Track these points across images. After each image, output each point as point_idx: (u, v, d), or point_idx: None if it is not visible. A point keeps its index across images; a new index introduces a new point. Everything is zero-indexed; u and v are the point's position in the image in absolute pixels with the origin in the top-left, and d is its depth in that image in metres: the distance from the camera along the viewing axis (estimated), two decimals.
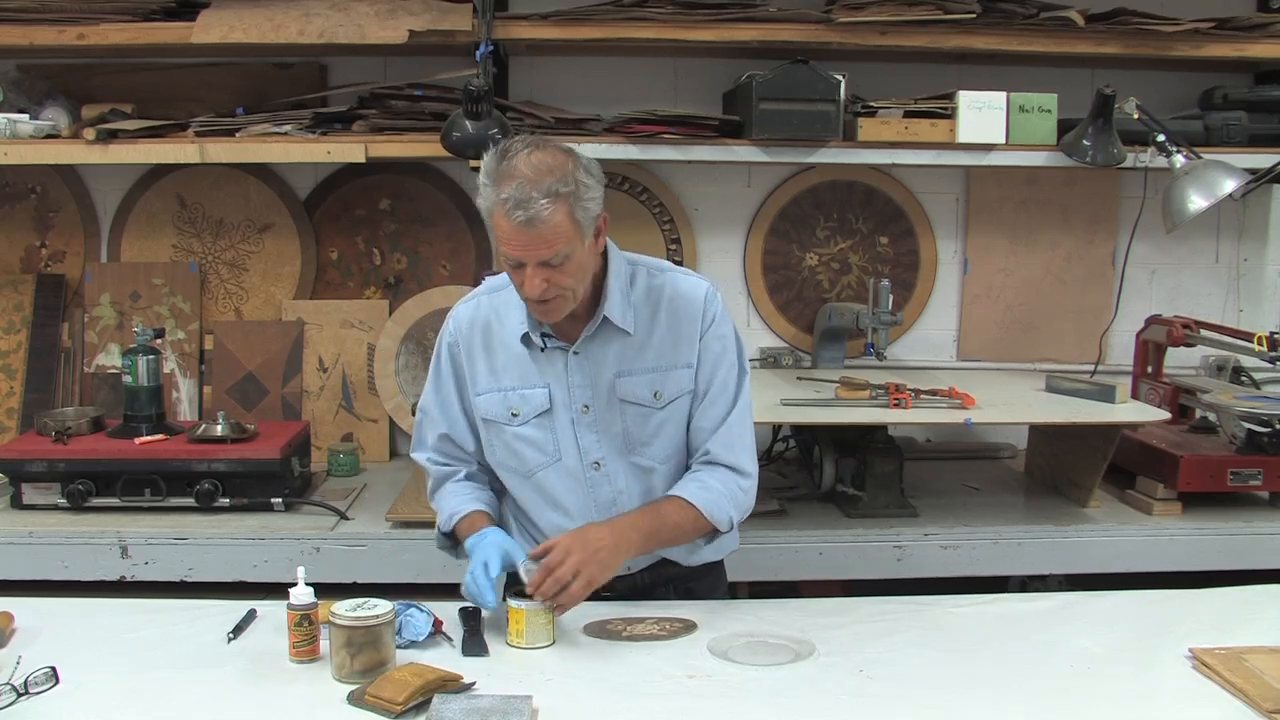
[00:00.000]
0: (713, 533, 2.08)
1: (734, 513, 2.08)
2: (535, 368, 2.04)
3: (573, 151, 1.90)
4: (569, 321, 2.00)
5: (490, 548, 1.96)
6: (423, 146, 2.99)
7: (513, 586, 1.94)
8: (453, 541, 2.14)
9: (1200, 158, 2.99)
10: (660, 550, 2.09)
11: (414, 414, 2.35)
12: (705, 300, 2.06)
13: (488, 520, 2.08)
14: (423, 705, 1.65)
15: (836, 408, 2.82)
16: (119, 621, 2.00)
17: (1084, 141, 3.01)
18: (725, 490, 2.06)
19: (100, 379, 3.39)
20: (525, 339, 2.03)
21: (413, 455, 2.22)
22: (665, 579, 2.16)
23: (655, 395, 2.04)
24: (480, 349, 2.07)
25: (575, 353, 2.02)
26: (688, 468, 2.12)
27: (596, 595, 1.96)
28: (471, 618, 1.98)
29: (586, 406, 2.04)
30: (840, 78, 2.94)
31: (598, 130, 3.06)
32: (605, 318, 2.00)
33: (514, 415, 2.05)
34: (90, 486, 2.80)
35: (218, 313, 3.46)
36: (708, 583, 2.21)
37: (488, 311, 2.08)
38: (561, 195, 1.83)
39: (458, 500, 2.12)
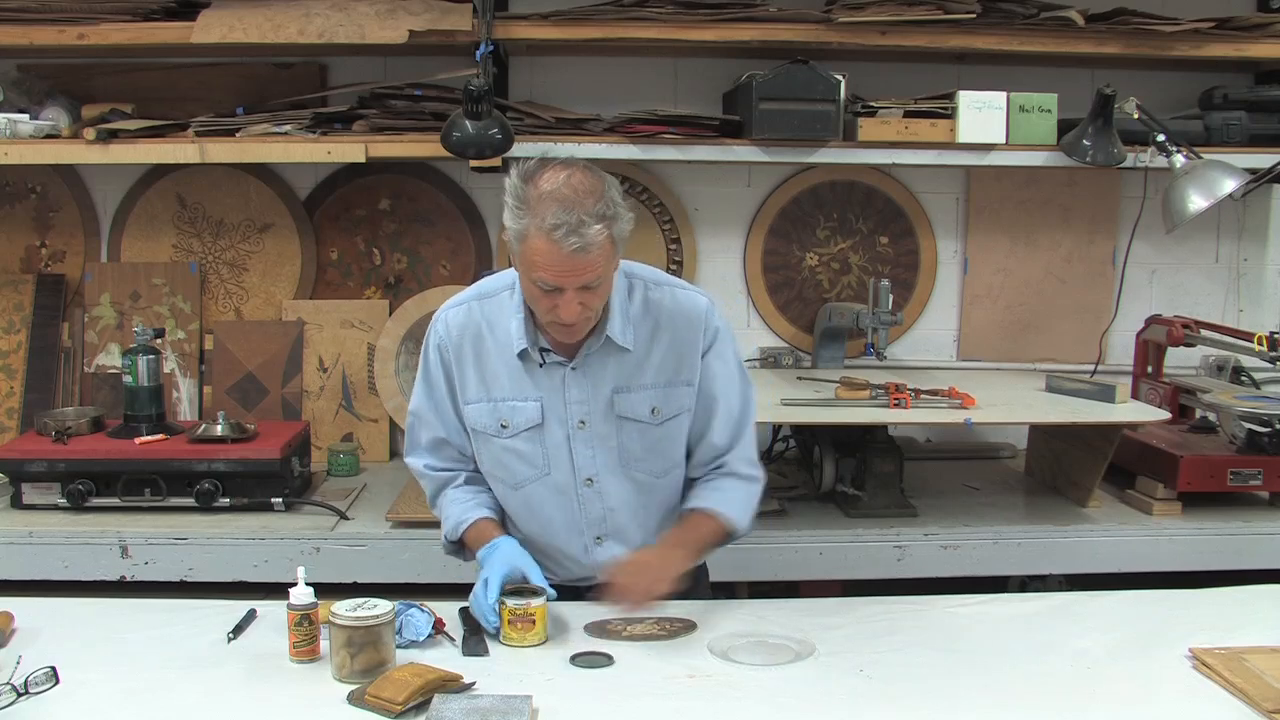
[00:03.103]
0: (729, 537, 2.10)
1: (750, 516, 2.12)
2: (529, 380, 2.00)
3: (600, 171, 1.85)
4: None
5: (497, 565, 1.94)
6: (423, 146, 2.99)
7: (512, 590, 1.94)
8: (460, 547, 2.11)
9: (1200, 158, 2.99)
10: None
11: None
12: (706, 316, 2.04)
13: (496, 527, 2.06)
14: (423, 705, 1.65)
15: (836, 408, 2.82)
16: (119, 621, 2.00)
17: (1084, 141, 3.01)
18: (744, 498, 2.10)
19: (100, 379, 3.39)
20: (523, 354, 1.99)
21: (407, 461, 2.18)
22: None
23: (654, 412, 2.02)
24: (470, 356, 2.03)
25: (574, 368, 2.00)
26: (691, 478, 2.13)
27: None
28: (472, 617, 1.98)
29: (583, 422, 2.01)
30: (840, 78, 2.94)
31: (598, 130, 3.05)
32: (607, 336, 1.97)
33: (503, 427, 2.02)
34: (90, 486, 2.80)
35: (218, 313, 3.46)
36: (692, 576, 2.16)
37: (479, 318, 2.02)
38: (606, 218, 1.80)
39: (461, 508, 2.08)
